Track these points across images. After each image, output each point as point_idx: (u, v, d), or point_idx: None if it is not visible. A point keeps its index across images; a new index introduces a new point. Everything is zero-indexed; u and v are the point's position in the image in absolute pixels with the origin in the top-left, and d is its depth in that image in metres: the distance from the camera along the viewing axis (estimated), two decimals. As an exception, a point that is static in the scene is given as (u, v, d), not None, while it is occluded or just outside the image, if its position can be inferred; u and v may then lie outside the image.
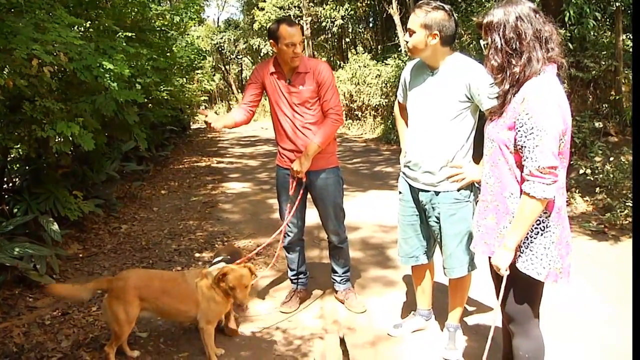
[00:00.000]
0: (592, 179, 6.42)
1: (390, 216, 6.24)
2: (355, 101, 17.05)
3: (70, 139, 4.14)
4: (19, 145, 4.93)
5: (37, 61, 3.52)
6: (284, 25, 3.48)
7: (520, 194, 2.20)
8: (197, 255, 5.22)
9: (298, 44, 3.47)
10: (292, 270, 4.12)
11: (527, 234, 2.22)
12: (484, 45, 2.30)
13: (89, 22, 5.91)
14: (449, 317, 3.36)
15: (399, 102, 3.44)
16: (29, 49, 3.23)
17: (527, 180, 2.13)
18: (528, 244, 2.23)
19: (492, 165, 2.34)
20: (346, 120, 17.98)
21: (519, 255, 2.25)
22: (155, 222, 6.57)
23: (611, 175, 6.16)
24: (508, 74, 2.20)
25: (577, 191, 6.50)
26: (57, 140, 4.16)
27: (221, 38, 32.77)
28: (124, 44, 5.70)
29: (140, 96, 4.93)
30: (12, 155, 5.65)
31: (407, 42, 2.98)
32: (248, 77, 3.91)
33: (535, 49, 2.15)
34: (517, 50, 2.16)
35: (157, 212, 7.09)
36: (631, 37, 8.05)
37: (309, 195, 3.87)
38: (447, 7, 2.93)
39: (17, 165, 5.65)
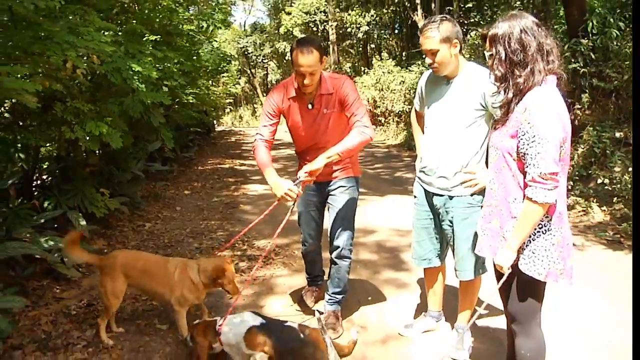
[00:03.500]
0: (610, 189, 6.42)
1: (407, 221, 6.29)
2: (379, 107, 17.15)
3: (99, 137, 4.32)
4: (49, 145, 5.14)
5: (71, 64, 3.71)
6: (297, 52, 3.19)
7: (523, 198, 2.29)
8: (218, 254, 5.35)
9: (308, 75, 3.19)
10: (308, 274, 4.20)
11: (530, 235, 2.31)
12: (488, 56, 2.40)
13: (119, 26, 6.14)
14: (458, 318, 3.45)
15: (415, 110, 3.55)
16: (65, 55, 3.41)
17: (530, 186, 2.22)
18: (530, 245, 2.33)
19: (496, 172, 2.44)
20: (369, 125, 18.06)
21: (521, 257, 2.34)
22: (178, 221, 6.75)
23: (629, 185, 6.16)
24: (511, 83, 2.31)
25: (594, 201, 6.51)
26: (86, 139, 4.35)
27: (247, 42, 33.16)
28: (151, 47, 5.92)
29: (167, 98, 5.12)
30: (41, 154, 5.87)
31: (431, 64, 3.08)
32: (273, 83, 3.68)
33: (537, 61, 2.25)
34: (522, 61, 2.26)
35: (180, 211, 7.28)
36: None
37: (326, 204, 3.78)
38: (446, 16, 3.06)
39: (47, 164, 5.86)
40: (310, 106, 3.44)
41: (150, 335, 3.68)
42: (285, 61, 30.01)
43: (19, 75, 3.23)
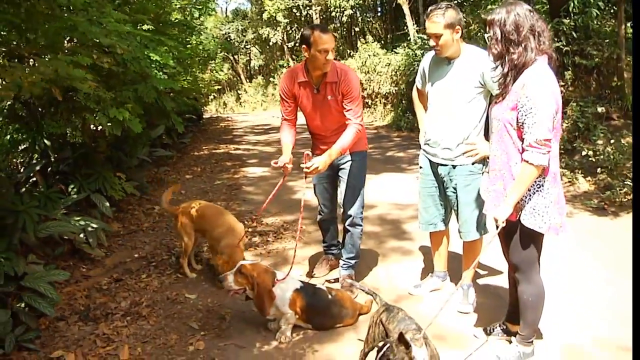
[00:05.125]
0: (593, 160, 6.82)
1: (403, 196, 6.72)
2: (366, 89, 17.41)
3: (121, 123, 4.59)
4: (69, 132, 5.38)
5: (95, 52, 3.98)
6: (318, 31, 3.58)
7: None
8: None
9: (331, 51, 3.58)
10: (324, 242, 4.55)
11: (529, 194, 2.69)
12: (487, 37, 2.77)
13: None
14: (462, 276, 3.82)
15: (417, 89, 3.88)
16: (112, 40, 3.68)
17: (526, 150, 2.61)
18: (530, 203, 2.70)
19: (498, 140, 2.81)
20: (356, 108, 18.31)
21: (523, 213, 2.72)
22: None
23: (612, 157, 6.57)
24: (507, 59, 2.69)
25: (580, 172, 6.91)
26: (108, 125, 4.62)
27: (229, 28, 33.10)
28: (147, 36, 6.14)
29: (177, 84, 5.39)
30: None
31: (434, 46, 3.41)
32: (280, 85, 3.96)
33: (530, 40, 2.63)
34: (516, 40, 2.64)
35: (185, 194, 7.54)
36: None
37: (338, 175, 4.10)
38: (451, 3, 3.40)
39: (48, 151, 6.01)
40: (316, 91, 3.80)
41: (181, 303, 4.02)
42: (268, 47, 30.06)
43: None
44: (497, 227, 2.81)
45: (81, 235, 4.66)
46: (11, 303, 3.41)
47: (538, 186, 2.69)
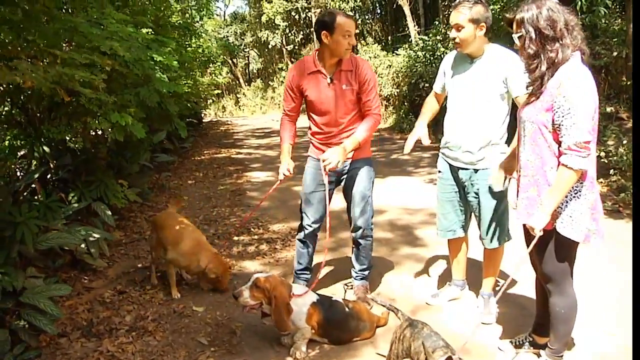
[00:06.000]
0: (606, 161, 6.66)
1: (413, 200, 6.56)
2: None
3: (124, 128, 4.42)
4: (69, 138, 5.20)
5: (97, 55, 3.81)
6: (341, 16, 3.40)
7: (558, 166, 2.48)
8: (235, 238, 5.51)
9: (354, 36, 3.42)
10: (300, 264, 4.06)
11: (566, 201, 2.51)
12: (517, 38, 2.58)
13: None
14: (483, 285, 3.65)
15: (435, 93, 3.67)
16: (111, 44, 3.51)
17: (565, 154, 2.42)
18: (567, 210, 2.52)
19: (532, 144, 2.61)
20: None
21: (559, 221, 2.53)
22: (188, 210, 6.84)
23: (624, 158, 6.42)
24: (543, 58, 2.48)
25: (592, 173, 6.75)
26: (110, 130, 4.44)
27: (227, 32, 32.96)
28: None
29: (180, 88, 5.22)
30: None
31: (454, 38, 3.22)
32: (286, 79, 3.80)
33: (565, 36, 2.45)
34: (551, 36, 2.45)
35: (188, 201, 7.37)
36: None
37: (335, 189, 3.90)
38: (482, 0, 3.21)
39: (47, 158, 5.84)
40: (329, 81, 3.56)
41: (188, 317, 3.83)
42: (267, 50, 29.91)
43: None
44: (526, 235, 2.65)
45: (82, 246, 4.48)
46: (9, 320, 3.24)
47: (575, 192, 2.51)
